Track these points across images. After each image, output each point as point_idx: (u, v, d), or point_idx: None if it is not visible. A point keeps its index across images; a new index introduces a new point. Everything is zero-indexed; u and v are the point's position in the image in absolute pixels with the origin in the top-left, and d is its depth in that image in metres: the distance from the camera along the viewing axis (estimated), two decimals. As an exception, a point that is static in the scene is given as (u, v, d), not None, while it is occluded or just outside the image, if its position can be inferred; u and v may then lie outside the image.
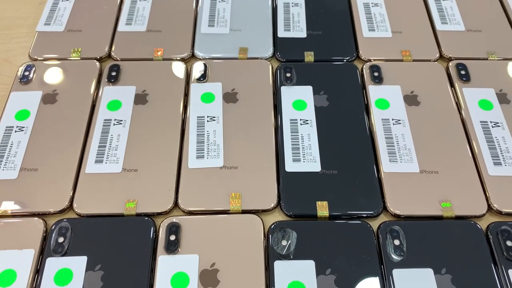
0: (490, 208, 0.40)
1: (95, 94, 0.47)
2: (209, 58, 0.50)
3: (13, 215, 0.40)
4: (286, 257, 0.37)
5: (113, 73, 0.49)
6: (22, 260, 0.37)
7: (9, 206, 0.40)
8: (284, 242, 0.38)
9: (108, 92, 0.47)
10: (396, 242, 0.38)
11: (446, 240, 0.38)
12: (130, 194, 0.41)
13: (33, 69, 0.49)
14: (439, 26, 0.53)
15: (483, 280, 0.36)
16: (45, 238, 0.38)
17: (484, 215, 0.40)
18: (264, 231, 0.39)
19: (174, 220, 0.39)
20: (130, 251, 0.38)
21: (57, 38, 0.52)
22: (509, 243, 0.38)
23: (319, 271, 0.37)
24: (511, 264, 0.37)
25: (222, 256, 0.37)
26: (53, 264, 0.37)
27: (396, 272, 0.37)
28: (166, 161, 0.43)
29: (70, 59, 0.50)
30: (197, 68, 0.49)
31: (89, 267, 0.37)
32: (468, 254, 0.38)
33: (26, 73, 0.49)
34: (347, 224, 0.39)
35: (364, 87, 0.48)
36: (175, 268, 0.37)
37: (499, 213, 0.40)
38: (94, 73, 0.49)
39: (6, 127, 0.45)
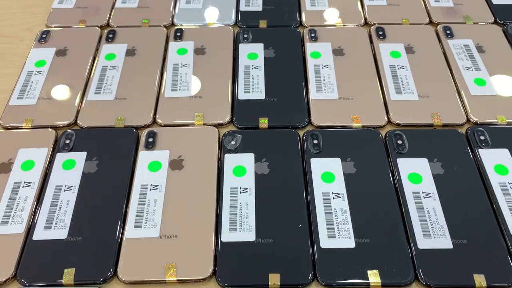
0: (390, 121, 0.54)
1: (96, 50, 0.62)
2: (185, 26, 0.65)
3: (33, 127, 0.53)
4: (233, 151, 0.50)
5: (110, 35, 0.63)
6: (39, 154, 0.50)
7: (30, 120, 0.53)
8: (233, 142, 0.51)
9: (106, 48, 0.62)
10: (315, 141, 0.51)
11: (353, 141, 0.51)
12: (120, 114, 0.54)
13: (49, 33, 0.64)
14: (367, 1, 0.68)
15: (378, 164, 0.49)
16: (56, 141, 0.52)
17: (384, 126, 0.53)
18: (219, 136, 0.52)
19: (152, 130, 0.52)
20: (118, 149, 0.51)
21: (68, 13, 0.67)
22: (399, 141, 0.51)
23: (257, 160, 0.50)
24: (398, 155, 0.50)
25: (187, 152, 0.51)
26: (61, 157, 0.50)
27: (313, 160, 0.50)
28: (147, 92, 0.56)
29: (77, 27, 0.65)
30: (175, 32, 0.63)
31: (88, 158, 0.50)
32: (368, 150, 0.51)
33: (44, 36, 0.63)
34: (279, 131, 0.52)
35: (303, 44, 0.62)
36: (151, 158, 0.50)
37: (397, 125, 0.53)
38: (96, 36, 0.63)
39: (28, 71, 0.59)
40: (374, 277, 0.41)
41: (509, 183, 0.47)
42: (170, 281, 0.41)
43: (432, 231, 0.44)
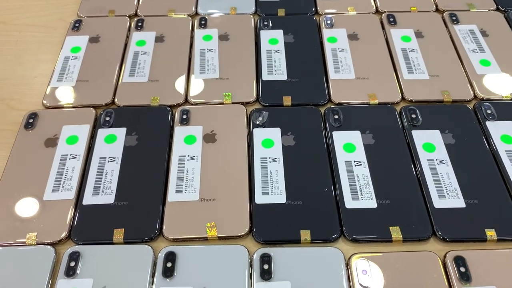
0: (403, 98, 0.58)
1: (127, 37, 0.66)
2: (208, 14, 0.69)
3: (74, 107, 0.58)
4: (261, 126, 0.55)
5: (139, 24, 0.67)
6: (82, 130, 0.55)
7: (71, 100, 0.58)
8: (260, 118, 0.56)
9: (136, 35, 0.66)
10: (336, 116, 0.55)
11: (371, 116, 0.56)
12: (154, 94, 0.58)
13: (81, 22, 0.68)
14: (378, -8, 0.73)
15: (394, 136, 0.54)
16: (96, 119, 0.56)
17: (399, 102, 0.58)
18: (247, 114, 0.56)
19: (185, 108, 0.57)
20: (155, 125, 0.55)
21: (97, 3, 0.71)
22: (413, 115, 0.55)
23: (283, 133, 0.54)
24: (413, 128, 0.54)
25: (218, 127, 0.55)
26: (102, 132, 0.54)
27: (335, 133, 0.54)
28: (178, 74, 0.61)
29: (108, 16, 0.69)
30: (200, 20, 0.68)
31: (128, 133, 0.54)
32: (385, 123, 0.55)
33: (77, 25, 0.67)
34: (302, 108, 0.57)
35: (319, 30, 0.67)
36: (186, 133, 0.54)
37: (410, 101, 0.58)
38: (125, 24, 0.68)
39: (65, 56, 0.63)
40: (395, 232, 0.46)
41: (514, 150, 0.52)
42: (212, 238, 0.46)
43: (446, 193, 0.49)
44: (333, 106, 0.57)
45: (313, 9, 0.70)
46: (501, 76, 0.60)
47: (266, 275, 0.43)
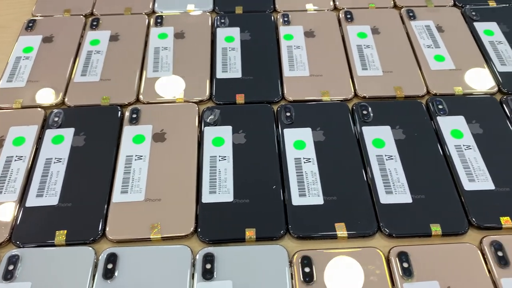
0: (356, 95, 0.58)
1: (81, 36, 0.65)
2: (165, 13, 0.69)
3: (23, 108, 0.56)
4: (213, 125, 0.54)
5: (94, 23, 0.66)
6: (29, 131, 0.54)
7: (20, 101, 0.57)
8: (212, 116, 0.55)
9: (91, 35, 0.65)
10: (288, 114, 0.55)
11: (322, 113, 0.56)
12: (105, 94, 0.58)
13: (35, 22, 0.67)
14: (336, -12, 0.72)
15: (345, 132, 0.54)
16: (45, 120, 0.55)
17: (351, 99, 0.58)
18: (198, 112, 0.56)
19: (136, 107, 0.56)
20: (104, 125, 0.54)
21: (53, 3, 0.70)
22: (364, 112, 0.55)
23: (234, 131, 0.54)
24: (364, 124, 0.54)
25: (169, 126, 0.54)
26: (50, 133, 0.54)
27: (286, 130, 0.54)
28: (131, 73, 0.60)
29: (63, 16, 0.68)
30: (156, 18, 0.67)
31: (76, 134, 0.53)
32: (336, 120, 0.55)
33: (30, 24, 0.66)
34: (255, 106, 0.57)
35: (276, 28, 0.66)
36: (135, 132, 0.54)
37: (363, 97, 0.58)
38: (80, 24, 0.67)
39: (16, 56, 0.62)
40: (340, 229, 0.46)
41: (463, 145, 0.52)
42: (155, 238, 0.45)
43: (393, 188, 0.48)
44: (285, 104, 0.57)
45: (272, 6, 0.69)
46: (454, 71, 0.60)
47: (208, 274, 0.42)
